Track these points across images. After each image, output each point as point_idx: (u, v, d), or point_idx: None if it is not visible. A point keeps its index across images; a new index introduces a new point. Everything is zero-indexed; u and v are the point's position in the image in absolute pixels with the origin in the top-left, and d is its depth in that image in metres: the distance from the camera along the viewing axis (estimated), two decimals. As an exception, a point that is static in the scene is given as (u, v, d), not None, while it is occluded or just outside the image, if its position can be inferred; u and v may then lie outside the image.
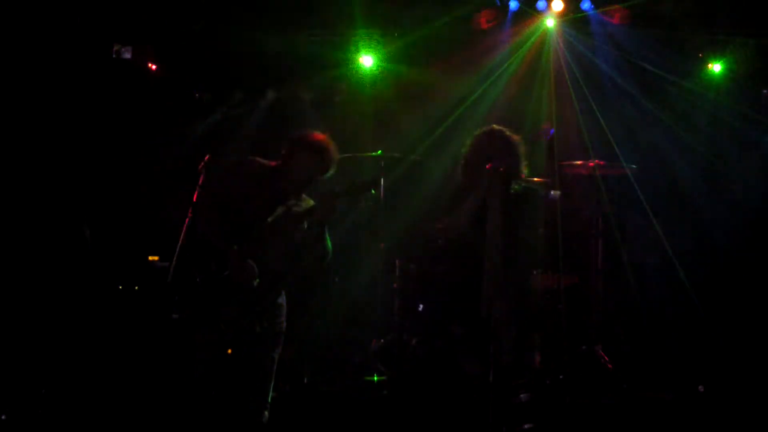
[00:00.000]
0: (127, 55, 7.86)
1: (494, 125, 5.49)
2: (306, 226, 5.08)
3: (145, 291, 6.86)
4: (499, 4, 7.46)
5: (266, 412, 5.10)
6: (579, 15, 7.53)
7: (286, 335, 5.27)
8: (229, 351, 4.93)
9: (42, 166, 6.55)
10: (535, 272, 7.00)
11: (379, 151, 7.49)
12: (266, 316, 5.03)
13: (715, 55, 7.73)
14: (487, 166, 5.15)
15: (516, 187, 5.28)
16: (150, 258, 6.89)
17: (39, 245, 6.32)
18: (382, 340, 7.07)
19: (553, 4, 7.41)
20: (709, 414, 6.41)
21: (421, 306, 7.03)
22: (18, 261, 6.29)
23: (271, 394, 5.13)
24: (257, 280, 4.94)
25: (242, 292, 4.95)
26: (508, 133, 5.41)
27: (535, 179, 5.52)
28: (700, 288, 7.74)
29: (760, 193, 8.08)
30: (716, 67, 7.78)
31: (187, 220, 4.83)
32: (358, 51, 8.12)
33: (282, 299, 5.18)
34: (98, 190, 7.30)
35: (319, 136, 5.28)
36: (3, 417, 4.85)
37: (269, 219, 5.04)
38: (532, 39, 7.88)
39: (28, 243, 6.35)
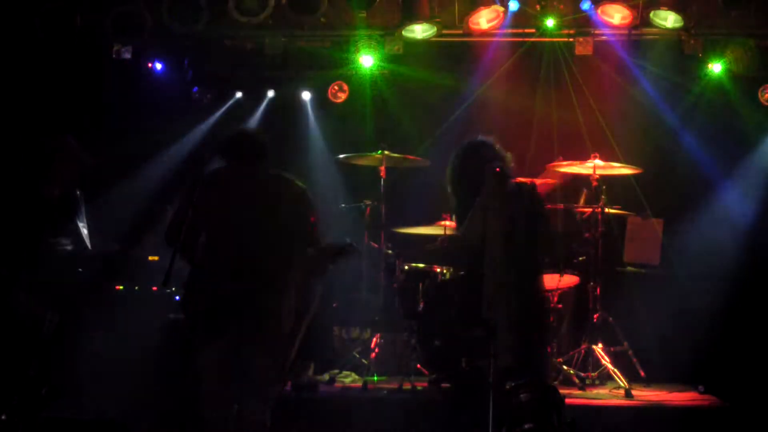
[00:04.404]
0: (127, 55, 7.86)
1: (481, 136, 5.54)
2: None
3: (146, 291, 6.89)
4: (499, 3, 7.45)
5: (269, 413, 5.10)
6: (579, 15, 7.52)
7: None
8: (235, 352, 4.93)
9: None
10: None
11: (379, 151, 7.50)
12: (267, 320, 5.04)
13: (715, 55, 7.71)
14: (486, 168, 5.17)
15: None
16: (150, 258, 6.90)
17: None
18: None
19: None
20: (709, 414, 6.42)
21: (421, 306, 7.04)
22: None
23: (274, 395, 5.13)
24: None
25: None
26: (494, 143, 5.49)
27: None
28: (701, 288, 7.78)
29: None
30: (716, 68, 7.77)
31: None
32: (358, 51, 8.11)
33: (277, 304, 5.13)
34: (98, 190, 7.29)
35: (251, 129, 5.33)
36: (3, 417, 4.85)
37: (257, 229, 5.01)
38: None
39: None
